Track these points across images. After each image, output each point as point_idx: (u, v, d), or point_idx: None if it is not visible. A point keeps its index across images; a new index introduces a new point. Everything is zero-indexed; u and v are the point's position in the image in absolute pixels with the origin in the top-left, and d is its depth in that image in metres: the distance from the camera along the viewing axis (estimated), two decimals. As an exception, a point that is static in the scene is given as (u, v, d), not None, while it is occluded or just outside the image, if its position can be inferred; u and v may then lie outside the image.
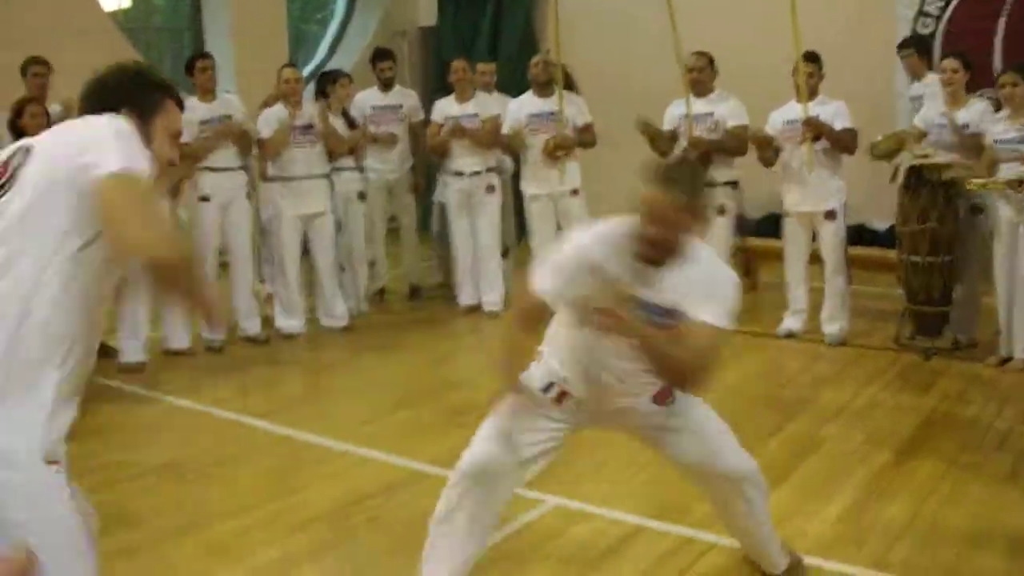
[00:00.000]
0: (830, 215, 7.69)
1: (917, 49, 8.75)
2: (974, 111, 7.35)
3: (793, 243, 7.92)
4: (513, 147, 8.96)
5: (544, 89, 8.63)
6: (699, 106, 8.11)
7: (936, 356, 7.30)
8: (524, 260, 9.17)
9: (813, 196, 7.70)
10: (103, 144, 2.67)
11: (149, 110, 3.01)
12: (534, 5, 13.41)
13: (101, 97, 3.02)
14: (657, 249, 3.52)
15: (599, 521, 4.80)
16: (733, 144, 8.03)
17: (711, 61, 8.18)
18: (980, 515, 4.74)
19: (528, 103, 8.75)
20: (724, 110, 8.06)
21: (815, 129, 7.52)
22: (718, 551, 4.46)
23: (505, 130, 8.85)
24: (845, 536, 4.55)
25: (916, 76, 8.65)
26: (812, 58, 7.67)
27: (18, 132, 7.27)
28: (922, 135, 7.58)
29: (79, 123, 2.88)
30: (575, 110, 8.67)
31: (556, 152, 8.51)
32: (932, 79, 8.03)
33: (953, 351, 7.34)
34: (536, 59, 8.87)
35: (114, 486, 5.42)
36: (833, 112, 7.62)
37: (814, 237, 7.89)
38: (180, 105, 3.15)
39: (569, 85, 8.89)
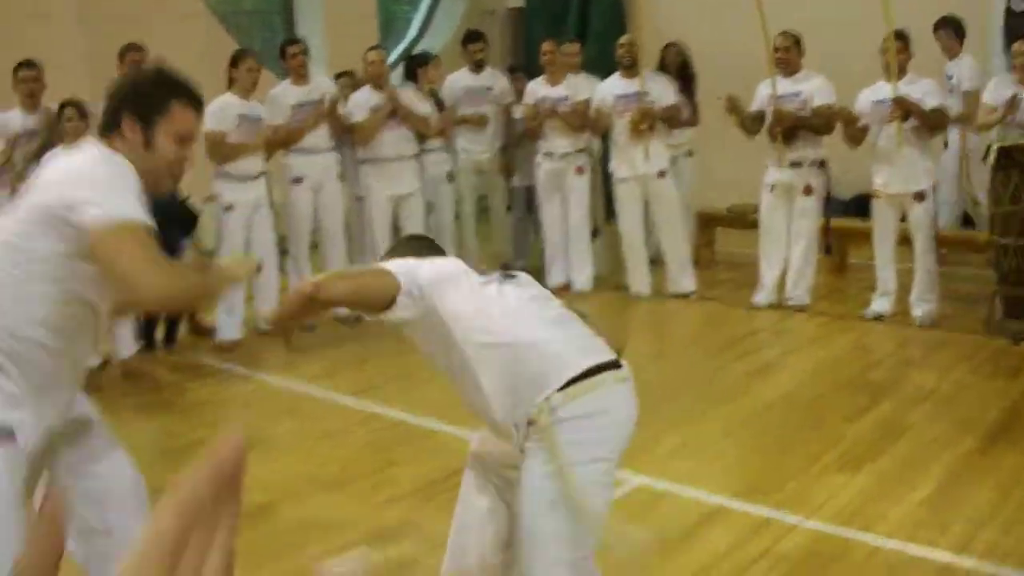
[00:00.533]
0: (920, 196, 7.60)
1: (955, 29, 8.90)
2: None
3: (882, 224, 7.86)
4: (598, 128, 8.99)
5: (630, 70, 8.65)
6: (786, 85, 8.06)
7: (1026, 340, 7.22)
8: (613, 241, 9.26)
9: (903, 177, 7.60)
10: (84, 190, 2.88)
11: (150, 115, 3.09)
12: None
13: (109, 104, 3.20)
14: None
15: (683, 500, 4.86)
16: (819, 122, 7.97)
17: (797, 41, 8.12)
18: (1067, 501, 4.71)
19: (615, 84, 8.77)
20: (811, 89, 8.01)
21: (904, 108, 7.44)
22: (800, 532, 4.48)
23: (592, 111, 8.88)
24: (928, 521, 4.54)
25: (950, 55, 8.88)
26: (900, 36, 7.59)
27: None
28: None
29: (64, 165, 3.04)
30: (661, 91, 8.67)
31: (640, 125, 8.52)
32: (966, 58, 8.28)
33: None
34: (622, 40, 8.87)
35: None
36: (924, 91, 7.52)
37: (904, 218, 7.82)
38: (196, 105, 3.22)
39: (686, 68, 8.95)
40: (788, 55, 8.05)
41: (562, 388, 3.14)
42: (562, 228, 9.22)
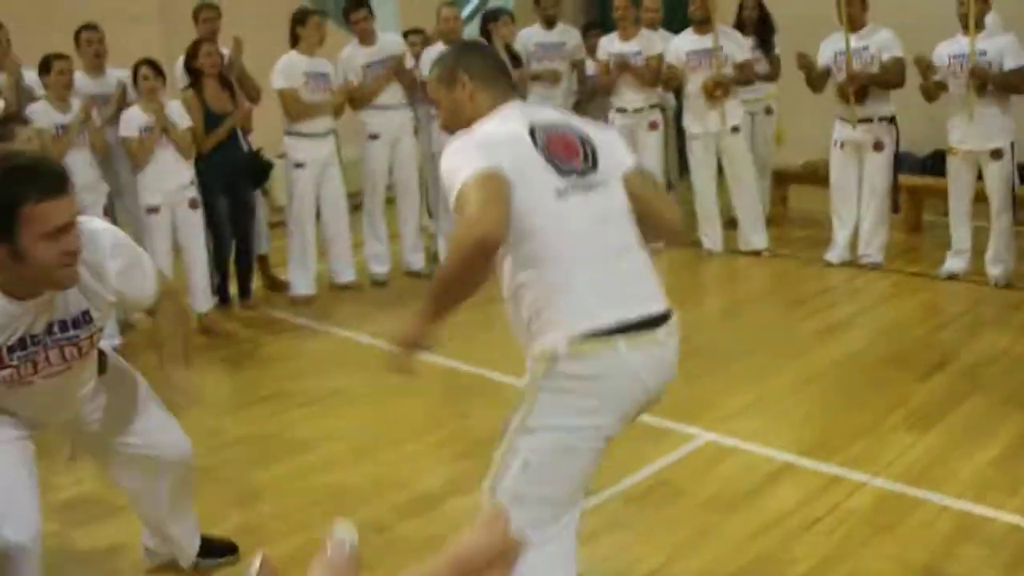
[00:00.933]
0: (996, 154, 7.49)
1: None
2: None
3: (957, 182, 7.76)
4: (670, 84, 8.97)
5: (702, 26, 8.60)
6: (853, 41, 7.98)
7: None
8: (686, 197, 9.25)
9: (979, 134, 7.49)
10: None
11: (7, 231, 2.91)
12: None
13: None
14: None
15: (750, 457, 4.89)
16: (889, 77, 7.90)
17: None
18: None
19: (687, 40, 8.74)
20: (878, 42, 7.92)
21: (981, 78, 7.34)
22: (867, 490, 4.50)
23: (664, 68, 8.86)
24: (997, 481, 4.54)
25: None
26: None
27: (193, 72, 7.58)
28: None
29: None
30: (734, 47, 8.63)
31: (715, 92, 8.50)
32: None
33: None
34: None
35: (283, 414, 5.70)
36: (1002, 47, 7.39)
37: (980, 175, 7.74)
38: (51, 194, 2.92)
39: (765, 22, 8.91)
40: (852, 8, 7.94)
41: (572, 340, 2.95)
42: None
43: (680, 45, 8.74)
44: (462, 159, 3.00)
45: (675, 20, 9.85)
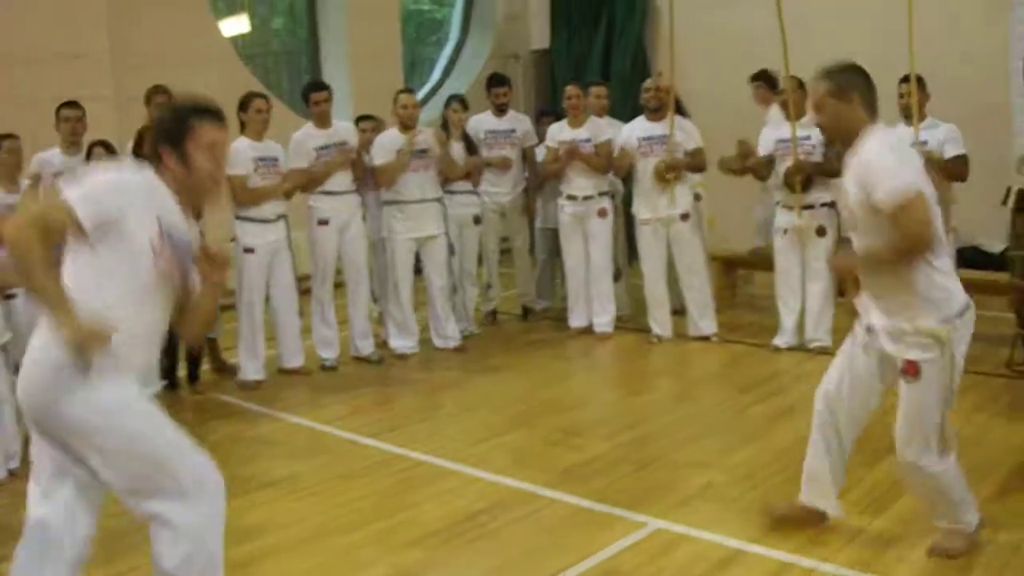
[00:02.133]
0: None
1: (765, 81, 9.37)
2: None
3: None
4: (621, 167, 9.01)
5: (655, 113, 8.69)
6: (795, 130, 8.12)
7: (1048, 382, 7.18)
8: (635, 283, 9.29)
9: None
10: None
11: (178, 138, 3.70)
12: (646, 28, 13.49)
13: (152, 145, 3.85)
14: None
15: (700, 544, 4.85)
16: (832, 166, 8.00)
17: (801, 84, 8.17)
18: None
19: (639, 127, 8.81)
20: (818, 133, 8.02)
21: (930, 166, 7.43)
22: (818, 576, 4.49)
23: (616, 152, 8.93)
24: (947, 568, 4.53)
25: (764, 104, 9.34)
26: (918, 81, 7.58)
27: (141, 158, 7.55)
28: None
29: None
30: (685, 135, 8.71)
31: (667, 174, 8.57)
32: (775, 108, 8.46)
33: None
34: (648, 84, 8.92)
35: (231, 500, 5.55)
36: (944, 137, 7.54)
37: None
38: (216, 117, 3.81)
39: (679, 110, 8.97)
40: (794, 97, 8.06)
41: None
42: (584, 270, 9.25)
43: (632, 131, 8.81)
44: (906, 168, 4.17)
45: (623, 108, 9.95)
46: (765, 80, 9.58)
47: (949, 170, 7.50)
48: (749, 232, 9.90)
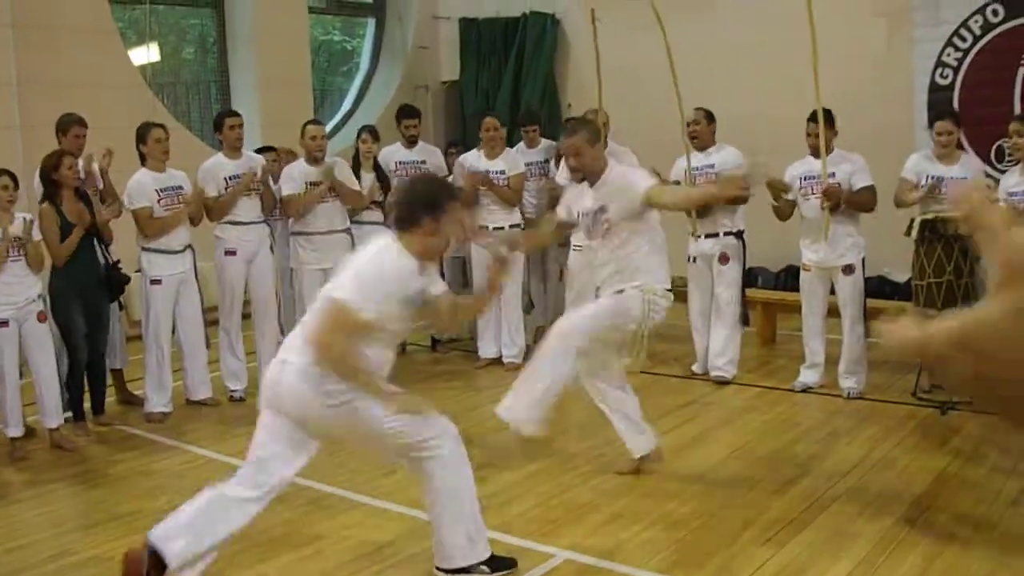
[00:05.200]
0: (848, 269, 7.71)
1: (540, 124, 9.48)
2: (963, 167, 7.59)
3: (811, 296, 7.96)
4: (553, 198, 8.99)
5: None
6: (699, 159, 8.31)
7: (952, 411, 7.27)
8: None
9: (831, 251, 7.73)
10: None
11: (438, 215, 4.66)
12: (555, 60, 13.57)
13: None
14: None
15: (609, 575, 4.85)
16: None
17: (708, 115, 8.30)
18: None
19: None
20: (723, 160, 8.21)
21: (834, 199, 7.55)
22: (726, 606, 4.50)
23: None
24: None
25: (533, 146, 9.59)
26: (825, 116, 7.70)
27: (51, 184, 7.42)
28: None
29: None
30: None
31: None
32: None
33: (970, 404, 7.31)
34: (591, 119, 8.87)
35: (137, 534, 5.49)
36: (851, 169, 7.65)
37: (832, 290, 7.92)
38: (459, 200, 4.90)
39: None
40: (699, 128, 8.22)
41: None
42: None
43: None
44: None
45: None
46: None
47: (858, 201, 7.61)
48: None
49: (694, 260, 8.45)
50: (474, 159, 9.28)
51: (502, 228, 9.10)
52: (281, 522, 5.67)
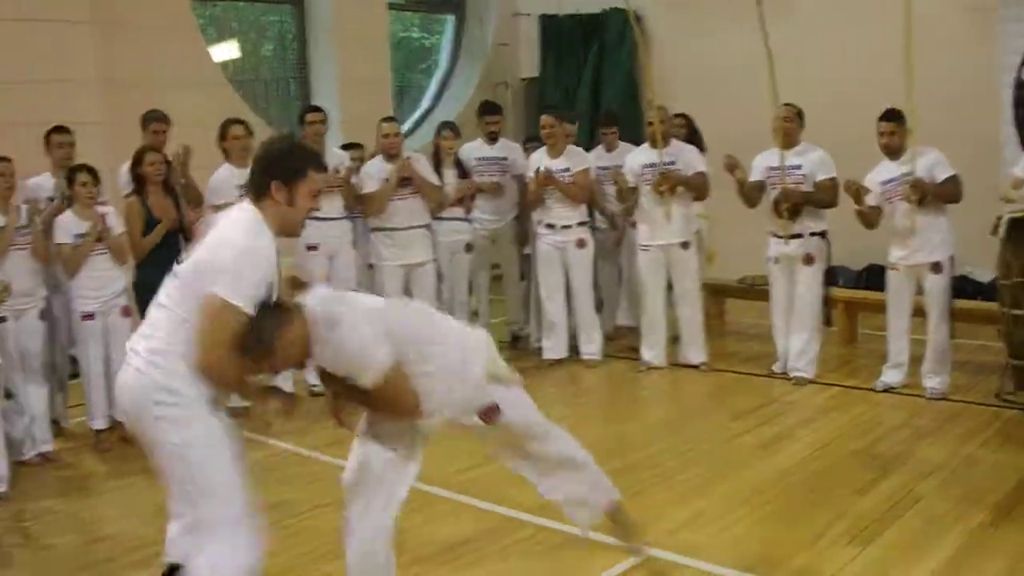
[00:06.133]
0: (937, 267, 7.59)
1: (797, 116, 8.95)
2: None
3: (897, 296, 7.84)
4: (624, 196, 8.98)
5: (658, 141, 8.62)
6: (787, 158, 8.13)
7: (1038, 412, 7.17)
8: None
9: (919, 249, 7.62)
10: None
11: (292, 184, 3.98)
12: (636, 56, 13.52)
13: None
14: None
15: (691, 572, 4.84)
16: (821, 197, 8.04)
17: (799, 113, 8.18)
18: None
19: (642, 154, 8.79)
20: (811, 162, 8.09)
21: (920, 191, 7.47)
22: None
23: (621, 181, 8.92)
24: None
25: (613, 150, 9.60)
26: (893, 116, 7.61)
27: (137, 179, 7.55)
28: None
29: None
30: (686, 160, 8.66)
31: (659, 187, 8.55)
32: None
33: (1056, 407, 7.22)
34: (650, 113, 8.84)
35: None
36: (931, 164, 7.53)
37: (918, 290, 7.83)
38: (321, 167, 4.23)
39: (694, 140, 9.01)
40: (789, 126, 8.09)
41: None
42: (560, 301, 9.23)
43: (636, 158, 8.81)
44: None
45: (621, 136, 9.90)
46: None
47: (945, 192, 7.50)
48: (748, 261, 9.85)
49: (776, 260, 8.36)
50: (538, 158, 9.21)
51: (569, 227, 9.08)
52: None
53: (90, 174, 7.26)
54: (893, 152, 7.60)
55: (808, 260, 8.13)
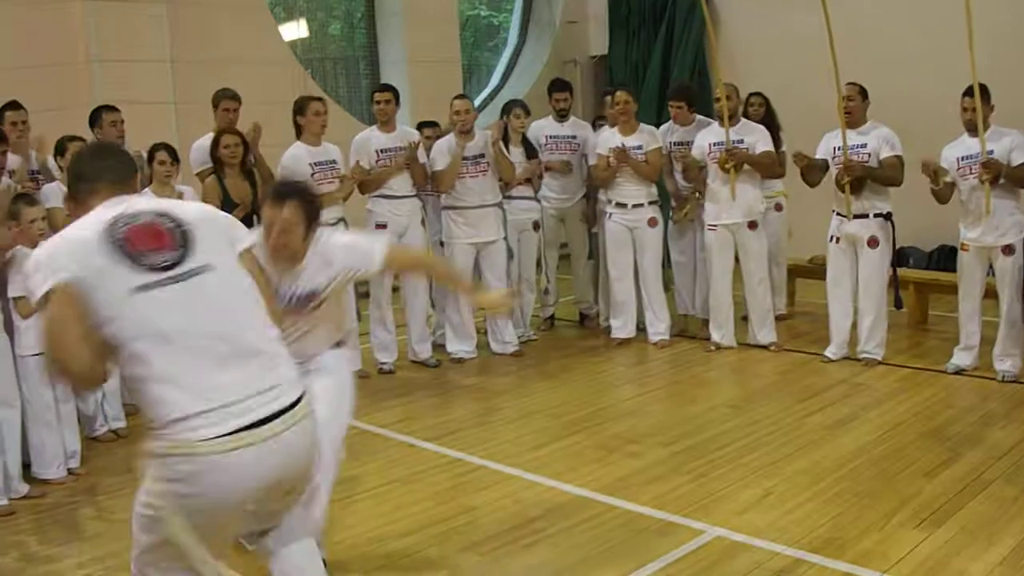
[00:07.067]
0: (1009, 249, 7.50)
1: (687, 100, 9.18)
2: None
3: (969, 277, 7.76)
4: (690, 174, 8.93)
5: (724, 119, 8.56)
6: (851, 137, 8.02)
7: (1112, 396, 7.09)
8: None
9: (992, 230, 7.53)
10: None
11: None
12: (705, 33, 13.43)
13: None
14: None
15: (759, 553, 4.84)
16: (886, 173, 7.94)
17: (862, 91, 8.08)
18: None
19: (712, 133, 8.72)
20: (877, 140, 7.97)
21: (994, 171, 7.39)
22: (877, 588, 4.46)
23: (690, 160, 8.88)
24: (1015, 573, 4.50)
25: (684, 124, 9.16)
26: (981, 91, 7.51)
27: (215, 160, 7.64)
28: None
29: None
30: (754, 139, 8.59)
31: (725, 164, 8.50)
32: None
33: None
34: (718, 91, 8.73)
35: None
36: (1009, 145, 7.43)
37: (990, 271, 7.75)
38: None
39: (770, 119, 8.98)
40: (852, 105, 8.00)
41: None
42: (630, 280, 9.21)
43: (705, 138, 8.76)
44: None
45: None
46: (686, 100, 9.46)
47: (1019, 176, 7.40)
48: (821, 241, 9.78)
49: (837, 240, 8.28)
50: (609, 136, 9.15)
51: (641, 205, 9.05)
52: (433, 493, 5.78)
53: (168, 153, 7.35)
54: (974, 129, 7.51)
55: (873, 242, 8.04)
